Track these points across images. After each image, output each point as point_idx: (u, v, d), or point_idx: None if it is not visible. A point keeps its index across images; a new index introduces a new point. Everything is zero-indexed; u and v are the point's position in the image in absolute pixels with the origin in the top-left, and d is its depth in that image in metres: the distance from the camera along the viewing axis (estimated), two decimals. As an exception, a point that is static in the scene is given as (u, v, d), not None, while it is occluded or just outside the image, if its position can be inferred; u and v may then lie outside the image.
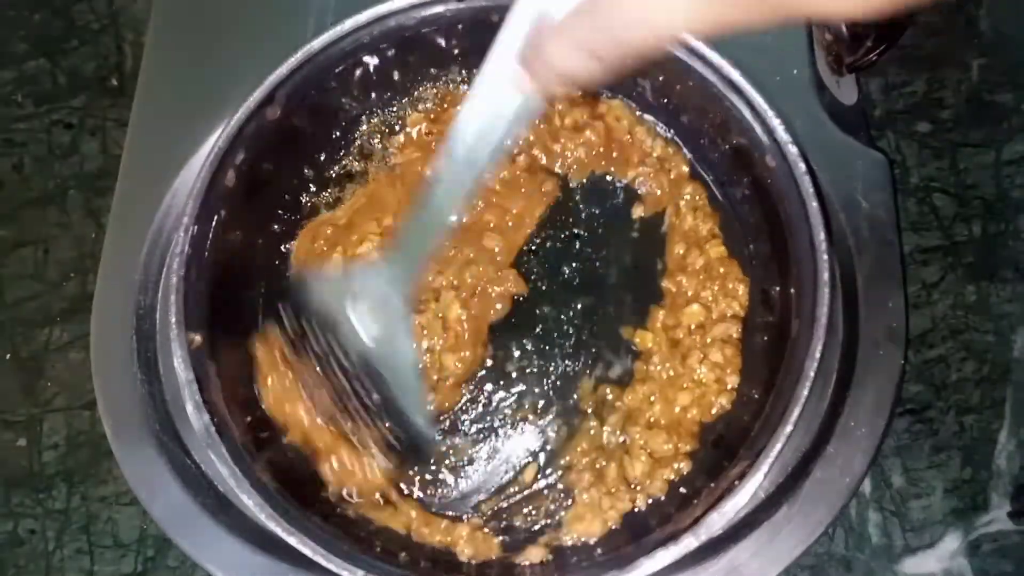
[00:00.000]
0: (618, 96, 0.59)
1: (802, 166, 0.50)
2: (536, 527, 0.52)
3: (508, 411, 0.55)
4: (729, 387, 0.53)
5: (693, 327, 0.55)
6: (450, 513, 0.53)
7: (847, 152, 0.56)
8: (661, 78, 0.56)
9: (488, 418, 0.54)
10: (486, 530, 0.52)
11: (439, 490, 0.53)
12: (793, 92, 0.56)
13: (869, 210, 0.54)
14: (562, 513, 0.52)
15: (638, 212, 0.58)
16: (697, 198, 0.58)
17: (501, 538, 0.52)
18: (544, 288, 0.57)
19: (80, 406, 0.59)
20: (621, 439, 0.53)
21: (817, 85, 0.58)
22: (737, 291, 0.55)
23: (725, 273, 0.56)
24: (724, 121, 0.54)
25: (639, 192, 0.59)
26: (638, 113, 0.59)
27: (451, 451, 0.54)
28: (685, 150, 0.59)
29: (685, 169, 0.58)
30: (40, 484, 0.58)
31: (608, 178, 0.59)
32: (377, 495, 0.51)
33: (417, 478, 0.53)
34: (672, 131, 0.59)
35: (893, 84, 0.64)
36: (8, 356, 0.61)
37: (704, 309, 0.55)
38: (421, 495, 0.53)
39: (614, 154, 0.59)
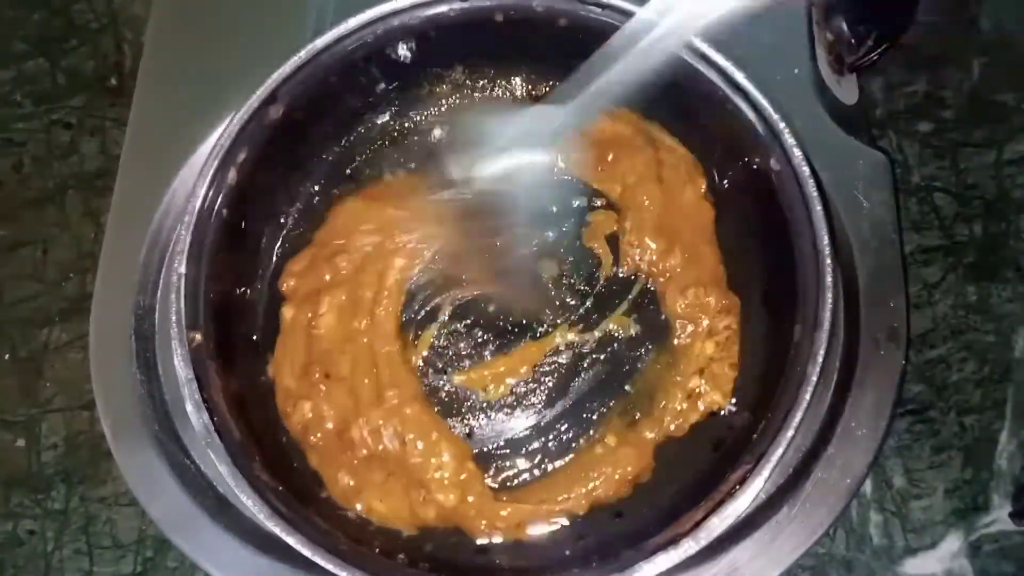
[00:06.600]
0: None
1: (806, 170, 0.49)
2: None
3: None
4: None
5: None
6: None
7: (848, 152, 0.56)
8: (669, 83, 0.55)
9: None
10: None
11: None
12: (794, 92, 0.56)
13: (870, 210, 0.54)
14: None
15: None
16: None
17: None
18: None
19: (79, 406, 0.59)
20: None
21: (818, 85, 0.58)
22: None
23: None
24: (729, 125, 0.53)
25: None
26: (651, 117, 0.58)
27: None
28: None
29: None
30: (39, 484, 0.58)
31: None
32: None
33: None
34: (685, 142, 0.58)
35: (894, 84, 0.64)
36: (7, 356, 0.60)
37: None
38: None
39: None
